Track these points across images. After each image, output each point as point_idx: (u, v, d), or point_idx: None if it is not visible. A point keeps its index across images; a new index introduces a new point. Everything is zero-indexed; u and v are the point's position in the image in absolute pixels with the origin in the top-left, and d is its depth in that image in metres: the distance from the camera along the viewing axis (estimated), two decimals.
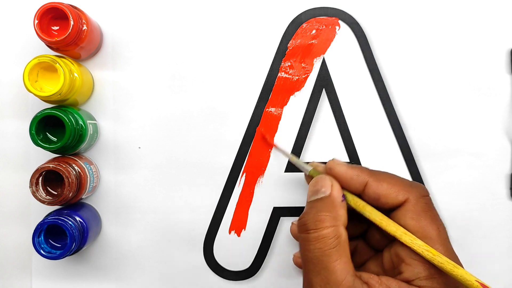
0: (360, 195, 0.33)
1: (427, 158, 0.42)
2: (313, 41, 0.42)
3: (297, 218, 0.42)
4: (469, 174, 0.43)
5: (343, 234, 0.31)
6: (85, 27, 0.38)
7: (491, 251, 0.43)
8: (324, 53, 0.42)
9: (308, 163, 0.37)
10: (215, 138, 0.42)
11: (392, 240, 0.33)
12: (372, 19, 0.42)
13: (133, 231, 0.42)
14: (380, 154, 0.42)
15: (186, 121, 0.42)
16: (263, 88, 0.42)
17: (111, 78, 0.42)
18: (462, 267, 0.30)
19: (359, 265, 0.37)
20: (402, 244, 0.31)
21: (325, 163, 0.36)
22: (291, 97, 0.42)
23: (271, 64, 0.42)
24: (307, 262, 0.31)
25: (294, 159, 0.39)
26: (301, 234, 0.32)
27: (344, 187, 0.33)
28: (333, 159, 0.35)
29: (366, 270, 0.35)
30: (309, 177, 0.37)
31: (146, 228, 0.42)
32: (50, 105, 0.40)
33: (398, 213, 0.32)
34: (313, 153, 0.42)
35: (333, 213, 0.31)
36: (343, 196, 0.33)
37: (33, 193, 0.37)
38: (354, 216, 0.34)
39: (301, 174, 0.42)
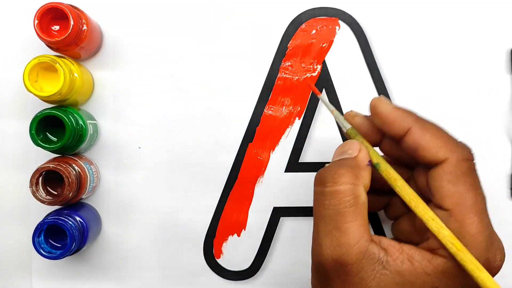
0: (398, 142, 0.30)
1: None
2: (313, 41, 0.42)
3: (298, 218, 0.42)
4: None
5: (362, 195, 0.29)
6: (85, 27, 0.38)
7: None
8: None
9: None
10: (215, 138, 0.42)
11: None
12: (372, 19, 0.42)
13: (133, 231, 0.42)
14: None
15: (186, 121, 0.42)
16: (263, 88, 0.42)
17: (111, 78, 0.42)
18: (502, 253, 0.29)
19: (392, 218, 0.35)
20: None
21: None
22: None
23: (271, 64, 0.42)
24: (319, 220, 0.29)
25: (335, 113, 0.34)
26: (316, 187, 0.29)
27: (384, 129, 0.30)
28: (379, 97, 0.31)
29: (399, 224, 0.34)
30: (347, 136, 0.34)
31: (146, 228, 0.42)
32: (50, 105, 0.40)
33: (436, 172, 0.29)
34: (313, 154, 0.42)
35: (355, 171, 0.29)
36: (370, 162, 0.30)
37: (33, 193, 0.37)
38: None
39: (302, 174, 0.42)
